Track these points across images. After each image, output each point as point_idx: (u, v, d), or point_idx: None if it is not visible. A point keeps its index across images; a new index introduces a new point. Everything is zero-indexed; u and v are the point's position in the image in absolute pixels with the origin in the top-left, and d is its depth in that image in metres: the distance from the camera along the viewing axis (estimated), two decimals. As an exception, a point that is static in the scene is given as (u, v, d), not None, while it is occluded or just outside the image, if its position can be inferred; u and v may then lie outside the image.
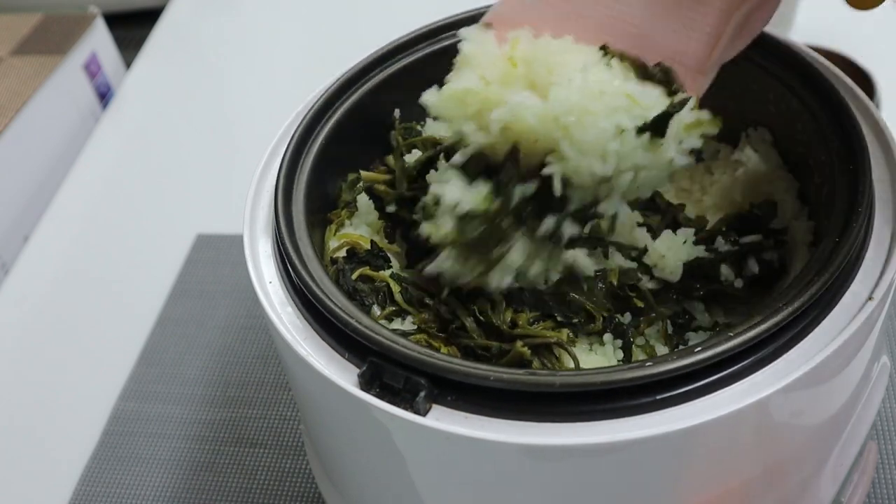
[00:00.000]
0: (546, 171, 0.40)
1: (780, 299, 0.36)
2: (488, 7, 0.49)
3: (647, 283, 0.45)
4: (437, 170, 0.47)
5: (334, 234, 0.47)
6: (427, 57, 0.52)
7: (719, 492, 0.37)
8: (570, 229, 0.42)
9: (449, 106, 0.42)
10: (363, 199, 0.50)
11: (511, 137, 0.40)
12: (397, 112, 0.53)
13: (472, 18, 0.53)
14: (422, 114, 0.53)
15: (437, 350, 0.41)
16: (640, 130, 0.39)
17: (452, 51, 0.53)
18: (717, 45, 0.41)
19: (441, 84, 0.44)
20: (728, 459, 0.36)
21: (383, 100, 0.52)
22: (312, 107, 0.49)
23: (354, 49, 0.52)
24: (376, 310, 0.44)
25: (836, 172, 0.41)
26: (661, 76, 0.41)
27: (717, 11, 0.41)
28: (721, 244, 0.46)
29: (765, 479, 0.38)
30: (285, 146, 0.47)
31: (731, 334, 0.35)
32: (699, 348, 0.34)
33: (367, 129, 0.52)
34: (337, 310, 0.38)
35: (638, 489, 0.36)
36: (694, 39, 0.41)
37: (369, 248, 0.46)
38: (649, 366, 0.34)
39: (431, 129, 0.53)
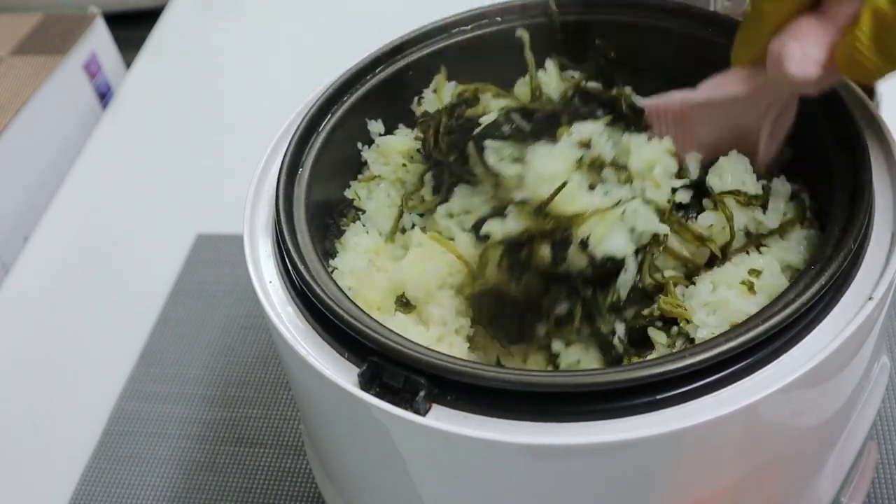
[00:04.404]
0: None
1: (779, 299, 0.36)
2: (483, 7, 0.50)
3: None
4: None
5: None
6: (425, 58, 0.52)
7: (718, 490, 0.37)
8: None
9: None
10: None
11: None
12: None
13: (478, 17, 0.53)
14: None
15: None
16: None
17: (450, 50, 0.53)
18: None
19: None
20: (728, 459, 0.36)
21: (383, 98, 0.52)
22: (313, 106, 0.49)
23: (354, 49, 0.52)
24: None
25: (836, 171, 0.41)
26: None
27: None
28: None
29: (764, 479, 0.38)
30: (286, 146, 0.47)
31: (732, 334, 0.35)
32: (699, 348, 0.34)
33: (364, 129, 0.53)
34: (337, 309, 0.38)
35: (638, 488, 0.36)
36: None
37: None
38: (649, 366, 0.34)
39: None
